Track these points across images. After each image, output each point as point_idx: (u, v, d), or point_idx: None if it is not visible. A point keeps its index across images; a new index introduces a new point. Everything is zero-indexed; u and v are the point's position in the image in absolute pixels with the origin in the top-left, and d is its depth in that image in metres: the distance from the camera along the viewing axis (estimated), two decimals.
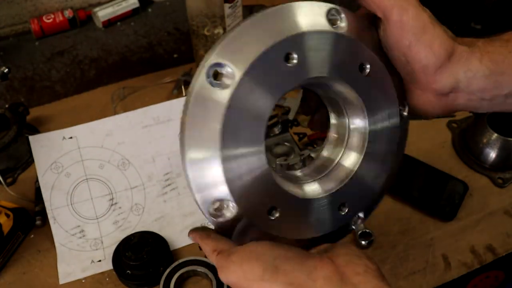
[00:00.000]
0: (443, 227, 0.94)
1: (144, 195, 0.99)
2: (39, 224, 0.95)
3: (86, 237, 0.94)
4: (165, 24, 1.46)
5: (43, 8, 1.44)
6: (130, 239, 0.89)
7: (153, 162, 1.02)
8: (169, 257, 0.90)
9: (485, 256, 0.89)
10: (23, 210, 0.95)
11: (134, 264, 0.85)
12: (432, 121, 1.15)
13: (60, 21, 1.41)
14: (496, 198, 0.98)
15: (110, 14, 1.43)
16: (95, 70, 1.31)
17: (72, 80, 1.29)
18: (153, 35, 1.42)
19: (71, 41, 1.40)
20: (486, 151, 1.02)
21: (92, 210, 0.97)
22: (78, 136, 1.03)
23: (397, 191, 0.98)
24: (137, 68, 1.31)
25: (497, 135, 1.00)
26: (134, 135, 1.03)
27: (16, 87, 1.26)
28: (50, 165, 1.00)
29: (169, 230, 0.95)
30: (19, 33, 1.44)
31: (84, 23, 1.46)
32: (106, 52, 1.37)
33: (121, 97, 1.21)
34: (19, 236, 0.92)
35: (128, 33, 1.43)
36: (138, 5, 1.47)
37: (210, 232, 0.50)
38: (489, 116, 1.02)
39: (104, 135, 1.03)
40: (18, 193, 0.99)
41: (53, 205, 0.96)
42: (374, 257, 0.90)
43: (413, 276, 0.87)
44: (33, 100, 1.22)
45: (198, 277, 0.88)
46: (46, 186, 0.97)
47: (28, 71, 1.31)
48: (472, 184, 0.99)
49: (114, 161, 1.01)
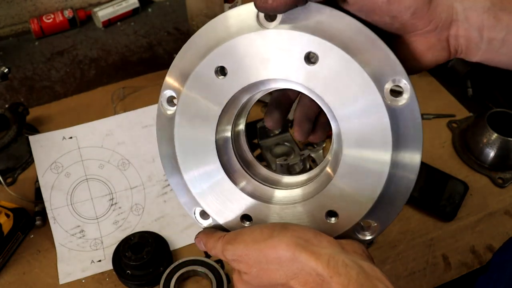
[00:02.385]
0: (443, 227, 0.94)
1: (144, 195, 0.99)
2: (39, 224, 0.95)
3: (86, 237, 0.94)
4: (165, 24, 1.46)
5: (43, 8, 1.44)
6: (130, 239, 0.88)
7: (153, 162, 1.02)
8: (169, 257, 0.90)
9: (485, 256, 0.89)
10: (23, 210, 0.95)
11: (134, 264, 0.85)
12: (432, 121, 1.16)
13: (60, 21, 1.40)
14: (496, 198, 0.98)
15: (110, 14, 1.43)
16: (95, 70, 1.31)
17: (72, 80, 1.28)
18: (153, 35, 1.42)
19: (71, 41, 1.40)
20: (486, 151, 1.02)
21: (92, 210, 0.97)
22: (78, 136, 1.03)
23: None
24: (137, 68, 1.31)
25: (497, 135, 1.00)
26: (134, 135, 1.03)
27: (16, 87, 1.26)
28: (50, 165, 1.00)
29: (169, 230, 0.95)
30: (19, 33, 1.44)
31: (84, 23, 1.46)
32: (106, 52, 1.37)
33: (121, 97, 1.21)
34: (19, 236, 0.92)
35: (128, 33, 1.43)
36: (138, 5, 1.47)
37: (214, 230, 0.54)
38: (489, 116, 1.02)
39: (104, 135, 1.03)
40: (18, 193, 0.99)
41: (53, 205, 0.96)
42: (374, 257, 0.89)
43: (413, 276, 0.87)
44: (33, 100, 1.22)
45: (198, 277, 0.88)
46: (46, 186, 0.97)
47: (28, 71, 1.31)
48: (472, 184, 0.99)
49: (114, 161, 1.01)
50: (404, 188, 0.46)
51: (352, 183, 0.47)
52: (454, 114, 1.15)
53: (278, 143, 1.07)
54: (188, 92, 0.49)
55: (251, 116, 1.13)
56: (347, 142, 0.46)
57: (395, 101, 0.44)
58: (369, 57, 0.44)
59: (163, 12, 1.51)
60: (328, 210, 0.48)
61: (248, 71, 0.47)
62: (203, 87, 0.49)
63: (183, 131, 0.51)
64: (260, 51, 0.46)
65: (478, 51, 0.49)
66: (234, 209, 0.52)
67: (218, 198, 0.52)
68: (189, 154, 0.51)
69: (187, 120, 0.50)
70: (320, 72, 0.45)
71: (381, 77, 0.44)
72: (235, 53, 0.46)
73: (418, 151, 0.45)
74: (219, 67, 0.47)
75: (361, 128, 0.45)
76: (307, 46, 0.44)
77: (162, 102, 0.52)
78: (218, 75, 0.48)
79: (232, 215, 0.52)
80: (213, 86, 0.48)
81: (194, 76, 0.49)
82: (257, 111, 1.16)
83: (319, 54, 0.44)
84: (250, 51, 0.46)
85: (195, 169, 0.52)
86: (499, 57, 0.50)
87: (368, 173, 0.46)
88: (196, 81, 0.49)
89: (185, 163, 0.52)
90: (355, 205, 0.47)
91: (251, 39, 0.46)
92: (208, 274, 0.85)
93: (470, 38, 0.48)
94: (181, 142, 0.51)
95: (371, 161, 0.45)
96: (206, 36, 0.49)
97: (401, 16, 0.46)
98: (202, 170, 0.52)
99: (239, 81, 0.48)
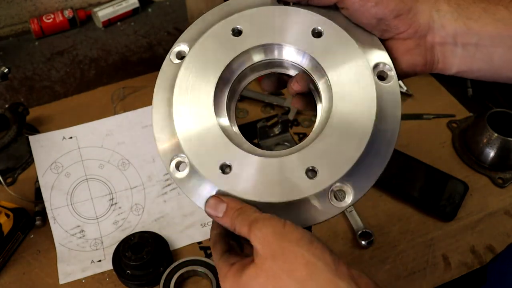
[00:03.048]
0: (443, 227, 0.94)
1: (144, 195, 0.99)
2: (39, 224, 0.95)
3: (86, 237, 0.94)
4: (165, 24, 1.46)
5: (43, 8, 1.44)
6: (130, 239, 0.88)
7: (153, 162, 1.02)
8: (169, 257, 0.90)
9: (485, 256, 0.89)
10: (23, 210, 0.95)
11: (134, 264, 0.85)
12: (432, 121, 1.16)
13: (60, 21, 1.41)
14: (496, 198, 0.98)
15: (110, 14, 1.43)
16: (95, 70, 1.31)
17: (72, 80, 1.29)
18: (153, 35, 1.42)
19: (71, 41, 1.40)
20: (486, 151, 1.02)
21: (92, 210, 0.97)
22: (78, 136, 1.03)
23: (397, 191, 0.98)
24: (137, 68, 1.31)
25: (497, 135, 1.00)
26: (134, 135, 1.03)
27: (16, 87, 1.26)
28: (50, 165, 1.00)
29: (169, 230, 0.95)
30: (19, 33, 1.44)
31: (84, 23, 1.46)
32: (106, 52, 1.37)
33: (121, 97, 1.21)
34: (19, 236, 0.92)
35: (128, 33, 1.43)
36: (138, 5, 1.47)
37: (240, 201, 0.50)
38: (489, 116, 1.02)
39: (104, 135, 1.03)
40: (18, 193, 0.99)
41: (53, 205, 0.96)
42: (374, 257, 0.90)
43: (413, 276, 0.87)
44: (33, 100, 1.22)
45: (198, 277, 0.88)
46: (46, 186, 0.97)
47: (28, 71, 1.31)
48: (472, 184, 0.99)
49: (114, 161, 1.01)
50: (382, 154, 0.50)
51: (335, 142, 0.49)
52: (454, 114, 1.15)
53: (278, 143, 1.07)
54: (202, 42, 0.55)
55: (251, 116, 1.15)
56: (336, 104, 0.51)
57: (380, 81, 0.52)
58: (363, 40, 0.54)
59: (163, 12, 1.51)
60: (308, 167, 0.49)
61: (263, 35, 0.54)
62: (217, 42, 0.54)
63: (187, 74, 0.53)
64: (276, 21, 0.54)
65: (455, 58, 0.54)
66: (216, 157, 0.50)
67: (202, 145, 0.51)
68: (187, 94, 0.53)
69: (194, 67, 0.54)
70: (322, 44, 0.53)
71: (371, 58, 0.53)
72: (253, 20, 0.54)
73: (396, 124, 0.51)
74: (236, 27, 0.54)
75: (350, 92, 0.51)
76: (316, 23, 0.53)
77: (171, 55, 0.57)
78: (234, 34, 0.54)
79: (212, 163, 0.50)
80: (227, 42, 0.54)
81: (211, 32, 0.55)
82: (257, 111, 1.16)
83: (324, 31, 0.53)
84: (267, 20, 0.54)
85: (188, 107, 0.52)
86: (477, 64, 0.54)
87: (351, 134, 0.49)
88: (213, 36, 0.55)
89: (179, 99, 0.53)
90: (335, 165, 0.49)
91: (270, 10, 0.54)
92: (208, 274, 0.85)
93: (446, 44, 0.53)
94: (182, 83, 0.53)
95: (356, 123, 0.50)
96: (220, 10, 0.57)
97: (386, 18, 0.52)
98: (194, 110, 0.52)
99: (253, 40, 0.54)
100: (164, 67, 0.56)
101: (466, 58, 0.54)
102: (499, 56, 0.53)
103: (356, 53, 0.52)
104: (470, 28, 0.52)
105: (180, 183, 0.52)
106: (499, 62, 0.53)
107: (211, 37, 0.55)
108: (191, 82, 0.53)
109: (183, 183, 0.52)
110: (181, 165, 0.52)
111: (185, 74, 0.53)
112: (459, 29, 0.52)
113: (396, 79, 0.52)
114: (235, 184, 0.49)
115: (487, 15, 0.52)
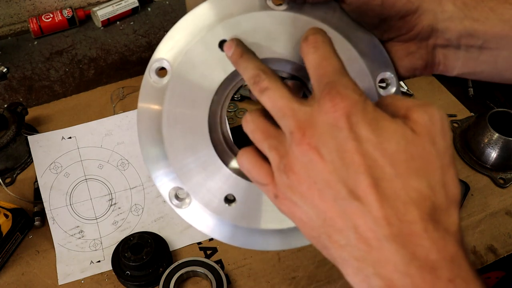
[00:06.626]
0: None
1: (143, 195, 0.98)
2: (38, 225, 0.94)
3: (85, 237, 0.94)
4: (165, 24, 1.45)
5: (41, 7, 1.43)
6: (130, 240, 0.88)
7: None
8: (169, 257, 0.89)
9: (487, 256, 0.89)
10: (22, 211, 0.94)
11: (134, 265, 0.85)
12: None
13: (59, 20, 1.40)
14: (498, 198, 0.98)
15: (110, 13, 1.43)
16: (94, 70, 1.31)
17: (71, 79, 1.28)
18: (152, 34, 1.42)
19: (70, 41, 1.40)
20: (487, 151, 1.01)
21: (91, 210, 0.96)
22: (77, 136, 1.02)
23: None
24: (137, 67, 1.31)
25: (499, 135, 0.99)
26: (134, 135, 1.03)
27: (14, 87, 1.26)
28: (49, 165, 0.99)
29: (168, 231, 0.94)
30: (17, 32, 1.44)
31: (83, 23, 1.45)
32: (105, 52, 1.36)
33: (120, 97, 1.21)
34: (17, 236, 0.92)
35: (128, 32, 1.43)
36: (138, 4, 1.47)
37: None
38: (491, 116, 1.02)
39: (103, 135, 1.03)
40: (17, 194, 0.98)
41: (52, 205, 0.95)
42: None
43: None
44: (32, 100, 1.22)
45: (197, 277, 0.87)
46: (45, 186, 0.97)
47: (26, 70, 1.31)
48: (474, 184, 0.99)
49: (113, 161, 1.01)
50: None
51: None
52: (455, 114, 1.14)
53: None
54: (186, 61, 0.47)
55: None
56: None
57: (382, 91, 0.50)
58: (364, 49, 0.48)
59: (162, 12, 1.50)
60: None
61: (254, 48, 0.46)
62: (204, 58, 0.47)
63: (175, 100, 0.48)
64: (267, 30, 0.46)
65: (457, 60, 0.51)
66: (217, 189, 0.48)
67: (201, 176, 0.48)
68: (177, 124, 0.48)
69: (180, 90, 0.48)
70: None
71: (373, 69, 0.49)
72: (241, 31, 0.46)
73: None
74: (224, 40, 0.46)
75: None
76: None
77: (151, 72, 0.51)
78: (222, 48, 0.46)
79: (214, 196, 0.48)
80: (215, 58, 0.47)
81: (196, 47, 0.47)
82: None
83: None
84: (257, 28, 0.46)
85: (181, 140, 0.48)
86: (480, 66, 0.51)
87: None
88: (197, 52, 0.47)
89: (170, 133, 0.48)
90: None
91: (259, 17, 0.46)
92: (208, 274, 0.85)
93: (449, 47, 0.50)
94: (169, 113, 0.48)
95: None
96: (205, 14, 0.48)
97: (390, 19, 0.48)
98: (189, 142, 0.48)
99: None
100: (144, 90, 0.50)
101: (469, 61, 0.51)
102: (504, 58, 0.50)
103: (358, 65, 0.47)
104: (476, 31, 0.49)
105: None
106: (504, 64, 0.51)
107: (197, 53, 0.47)
108: (181, 114, 0.48)
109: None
110: (179, 198, 0.50)
111: (171, 106, 0.48)
112: (464, 32, 0.49)
113: (397, 90, 0.50)
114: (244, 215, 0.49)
115: (495, 16, 0.49)
